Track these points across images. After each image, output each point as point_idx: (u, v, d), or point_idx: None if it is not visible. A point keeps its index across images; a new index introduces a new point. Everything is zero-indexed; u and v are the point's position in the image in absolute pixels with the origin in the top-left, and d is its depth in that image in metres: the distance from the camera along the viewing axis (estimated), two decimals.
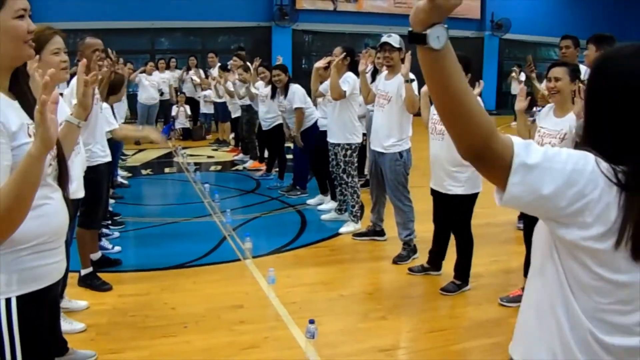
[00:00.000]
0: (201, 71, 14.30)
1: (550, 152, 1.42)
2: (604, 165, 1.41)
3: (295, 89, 8.16)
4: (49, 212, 2.15)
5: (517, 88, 5.24)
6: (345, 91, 6.50)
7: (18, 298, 2.04)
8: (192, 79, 14.17)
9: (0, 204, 1.75)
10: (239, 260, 5.77)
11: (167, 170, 10.73)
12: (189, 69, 14.41)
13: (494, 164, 1.40)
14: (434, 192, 5.19)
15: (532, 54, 10.61)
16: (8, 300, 2.02)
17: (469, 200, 4.98)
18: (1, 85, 2.05)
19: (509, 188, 1.39)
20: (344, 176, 6.75)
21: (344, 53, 6.73)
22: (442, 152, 4.94)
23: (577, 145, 1.62)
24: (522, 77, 15.65)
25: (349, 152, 6.67)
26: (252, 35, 19.58)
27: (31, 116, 2.02)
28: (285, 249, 6.17)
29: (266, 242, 6.26)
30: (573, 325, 1.48)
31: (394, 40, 5.72)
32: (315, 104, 8.13)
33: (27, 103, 2.10)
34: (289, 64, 17.99)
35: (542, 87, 5.70)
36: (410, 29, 1.35)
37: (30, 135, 1.99)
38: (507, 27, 21.46)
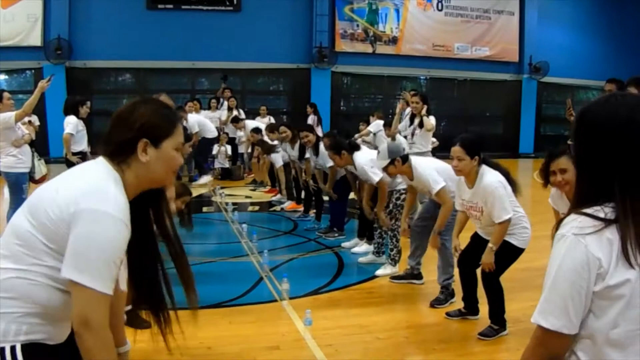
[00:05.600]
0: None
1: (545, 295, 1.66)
2: (582, 225, 1.60)
3: None
4: None
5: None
6: None
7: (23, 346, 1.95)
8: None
9: None
10: (275, 301, 5.77)
11: (205, 209, 10.79)
12: (230, 109, 14.60)
13: (549, 352, 1.67)
14: (476, 236, 5.13)
15: (571, 97, 10.53)
16: (13, 348, 1.92)
17: (511, 251, 4.84)
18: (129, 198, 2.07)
19: (563, 331, 1.62)
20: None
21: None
22: (485, 226, 4.95)
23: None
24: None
25: (402, 196, 6.61)
26: (291, 76, 19.88)
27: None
28: (322, 290, 6.14)
29: (303, 283, 6.22)
30: None
31: None
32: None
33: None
34: (328, 105, 18.17)
35: None
36: None
37: None
38: (545, 70, 21.37)
